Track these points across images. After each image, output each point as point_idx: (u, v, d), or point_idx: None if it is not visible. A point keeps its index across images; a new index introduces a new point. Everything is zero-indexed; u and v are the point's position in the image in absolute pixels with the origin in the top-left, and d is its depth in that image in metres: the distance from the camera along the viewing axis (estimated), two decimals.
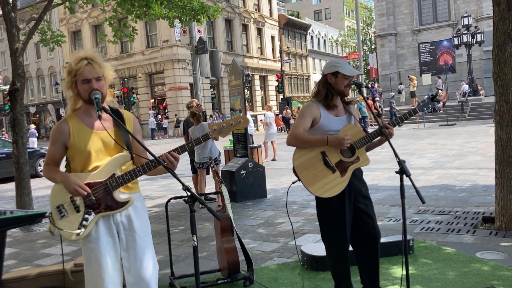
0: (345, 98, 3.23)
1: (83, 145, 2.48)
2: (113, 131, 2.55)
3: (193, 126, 7.37)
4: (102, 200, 2.47)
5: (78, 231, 2.43)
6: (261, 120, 14.06)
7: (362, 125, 3.24)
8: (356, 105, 24.62)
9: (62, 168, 2.62)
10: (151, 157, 2.47)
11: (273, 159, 13.95)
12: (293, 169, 3.12)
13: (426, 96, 3.18)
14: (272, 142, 14.29)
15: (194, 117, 7.30)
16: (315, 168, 3.06)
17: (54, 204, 2.48)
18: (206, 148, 7.35)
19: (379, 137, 3.11)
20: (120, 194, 2.51)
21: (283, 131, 29.29)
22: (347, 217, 3.11)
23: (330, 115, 3.13)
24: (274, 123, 14.48)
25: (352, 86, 3.18)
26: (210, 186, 8.82)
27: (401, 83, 31.99)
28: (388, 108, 25.35)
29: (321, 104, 3.14)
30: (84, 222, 2.45)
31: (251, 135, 13.90)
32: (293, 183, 3.24)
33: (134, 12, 8.31)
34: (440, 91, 24.52)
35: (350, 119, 3.20)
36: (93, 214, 2.46)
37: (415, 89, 27.74)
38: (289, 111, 30.08)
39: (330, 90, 3.13)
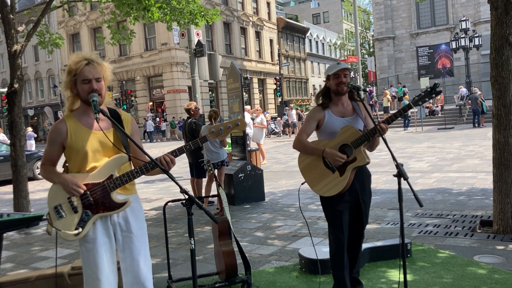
0: (354, 95, 3.34)
1: (80, 145, 2.48)
2: (111, 132, 2.55)
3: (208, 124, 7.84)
4: (100, 200, 2.47)
5: (76, 231, 2.44)
6: (254, 123, 14.22)
7: (367, 125, 3.28)
8: (402, 102, 24.21)
9: (60, 168, 2.62)
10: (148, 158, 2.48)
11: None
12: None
13: (424, 89, 3.13)
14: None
15: (212, 118, 7.53)
16: (317, 170, 3.25)
17: (52, 204, 2.49)
18: (211, 150, 7.35)
19: (377, 134, 3.13)
20: (118, 195, 2.51)
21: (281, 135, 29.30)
22: (344, 216, 3.27)
23: (335, 116, 3.28)
24: (264, 125, 14.76)
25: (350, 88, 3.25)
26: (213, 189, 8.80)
27: (391, 86, 32.02)
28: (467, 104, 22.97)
29: (326, 106, 3.31)
30: (82, 223, 2.45)
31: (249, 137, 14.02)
32: (302, 184, 3.41)
33: (133, 15, 8.32)
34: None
35: (356, 120, 3.29)
36: (90, 214, 2.47)
37: (388, 104, 26.74)
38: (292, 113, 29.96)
39: (329, 93, 3.34)
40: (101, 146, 2.52)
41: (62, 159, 2.63)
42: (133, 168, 2.56)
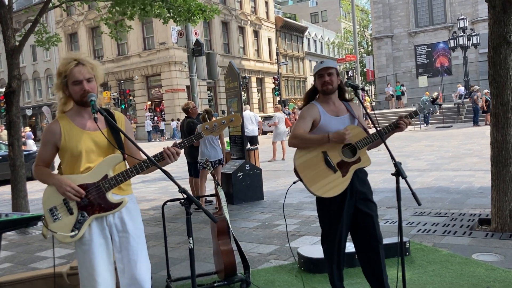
0: (345, 95, 3.26)
1: (74, 146, 2.47)
2: (105, 132, 2.53)
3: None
4: (95, 201, 2.45)
5: (72, 233, 2.42)
6: (269, 122, 14.21)
7: (362, 125, 3.20)
8: (422, 98, 24.17)
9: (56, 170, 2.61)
10: (144, 157, 2.47)
11: (282, 159, 14.17)
12: (294, 169, 3.09)
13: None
14: (281, 141, 14.52)
15: (207, 115, 7.29)
16: (316, 168, 3.03)
17: (47, 207, 2.46)
18: (207, 148, 7.29)
19: (391, 131, 3.09)
20: (113, 196, 2.49)
21: None
22: (343, 218, 3.08)
23: (330, 115, 3.13)
24: (282, 123, 14.66)
25: (348, 88, 3.19)
26: (208, 188, 8.80)
27: (389, 84, 31.97)
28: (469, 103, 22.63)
29: (318, 103, 3.17)
30: (78, 224, 2.43)
31: (256, 136, 14.03)
32: (294, 183, 3.23)
33: (129, 13, 8.32)
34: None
35: (352, 119, 3.17)
36: (86, 215, 2.45)
37: (369, 110, 26.99)
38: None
39: (316, 93, 3.23)
40: (95, 147, 2.50)
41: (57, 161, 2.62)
42: (128, 167, 2.54)
